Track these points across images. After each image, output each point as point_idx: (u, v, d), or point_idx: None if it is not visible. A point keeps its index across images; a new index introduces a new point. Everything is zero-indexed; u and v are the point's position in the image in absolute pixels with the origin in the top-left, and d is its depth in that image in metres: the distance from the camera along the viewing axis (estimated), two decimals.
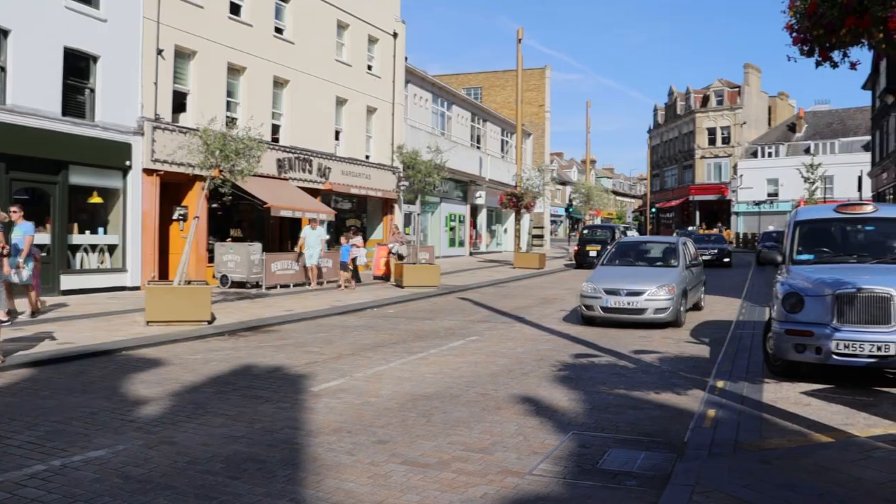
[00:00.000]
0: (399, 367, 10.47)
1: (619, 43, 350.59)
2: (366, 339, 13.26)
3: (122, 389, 8.94)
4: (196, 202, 18.10)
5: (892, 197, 40.21)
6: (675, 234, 42.56)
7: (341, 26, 29.85)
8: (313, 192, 26.92)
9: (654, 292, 14.40)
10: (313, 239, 21.96)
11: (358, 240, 23.94)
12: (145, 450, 6.42)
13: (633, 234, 53.26)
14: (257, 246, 22.21)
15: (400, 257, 24.94)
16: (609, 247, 23.07)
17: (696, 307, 17.49)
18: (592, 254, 34.44)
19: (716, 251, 35.83)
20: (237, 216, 25.09)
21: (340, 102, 29.81)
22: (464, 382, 9.41)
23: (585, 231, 39.29)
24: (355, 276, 23.92)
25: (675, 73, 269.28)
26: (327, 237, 22.58)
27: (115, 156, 19.80)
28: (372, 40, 32.08)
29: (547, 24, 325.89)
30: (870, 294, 8.46)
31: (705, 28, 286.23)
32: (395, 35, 33.38)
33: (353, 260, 23.41)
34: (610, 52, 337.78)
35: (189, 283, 15.08)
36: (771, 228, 61.16)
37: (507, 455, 6.35)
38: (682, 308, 14.89)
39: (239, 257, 21.65)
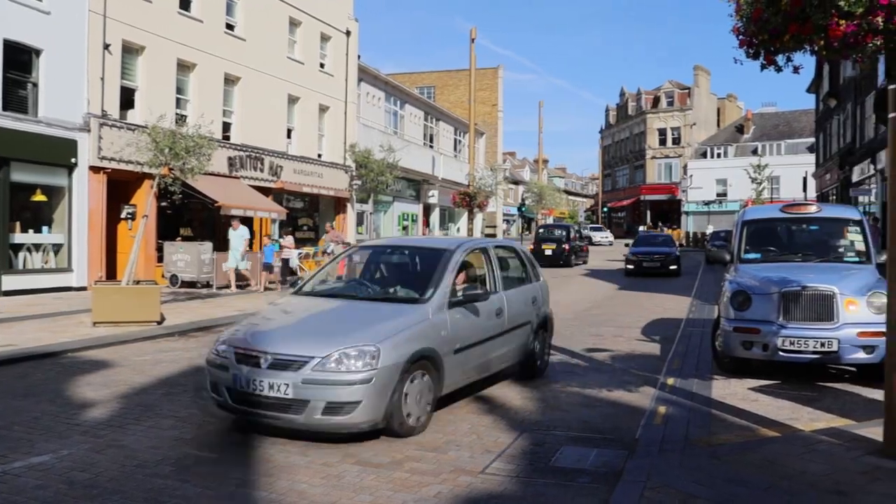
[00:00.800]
0: None
1: (572, 44, 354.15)
2: None
3: (67, 392, 8.73)
4: (145, 201, 17.79)
5: (835, 197, 41.26)
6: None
7: (293, 23, 29.61)
8: (265, 191, 26.66)
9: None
10: (234, 240, 20.73)
11: (289, 240, 23.35)
12: (92, 454, 6.27)
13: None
14: (208, 245, 21.91)
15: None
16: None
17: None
18: (548, 252, 34.88)
19: (660, 257, 30.12)
20: (187, 215, 24.71)
21: (292, 100, 29.56)
22: None
23: (541, 230, 39.58)
24: (291, 278, 23.19)
25: (627, 75, 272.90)
26: (248, 237, 21.20)
27: (59, 153, 19.35)
28: (324, 38, 31.87)
29: (501, 25, 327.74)
30: (814, 292, 8.68)
31: (656, 30, 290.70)
32: (347, 33, 33.21)
33: (286, 261, 22.96)
34: (563, 53, 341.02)
35: (138, 282, 14.81)
36: (711, 229, 62.36)
37: (461, 454, 6.36)
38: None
39: (189, 257, 21.32)
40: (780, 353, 8.73)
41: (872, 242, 10.33)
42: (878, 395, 6.44)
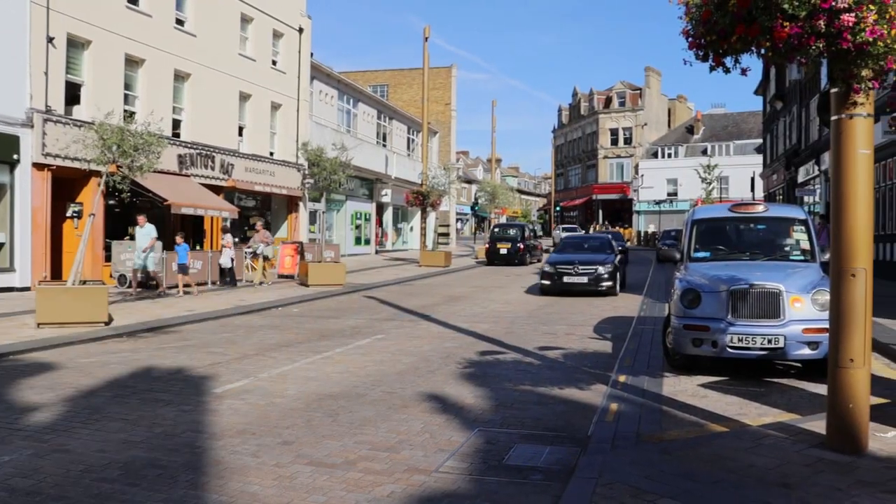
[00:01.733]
0: (304, 367, 10.33)
1: (526, 44, 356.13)
2: (271, 338, 13.04)
3: (9, 396, 8.50)
4: (92, 199, 17.41)
5: (782, 197, 42.18)
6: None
7: (245, 20, 29.26)
8: (216, 189, 26.31)
9: None
10: (140, 238, 19.04)
11: (227, 239, 22.55)
12: (35, 459, 6.11)
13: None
14: (157, 244, 21.48)
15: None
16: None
17: None
18: (503, 251, 35.25)
19: (587, 269, 20.97)
20: (136, 214, 24.18)
21: (244, 98, 29.21)
22: (370, 381, 9.36)
23: (496, 229, 39.88)
24: (229, 279, 22.41)
25: (580, 75, 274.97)
26: (155, 235, 19.17)
27: (0, 149, 18.82)
28: (277, 35, 31.56)
29: (455, 24, 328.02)
30: (761, 290, 8.85)
31: (609, 31, 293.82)
32: (300, 30, 32.94)
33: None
34: (516, 53, 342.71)
35: (84, 282, 14.49)
36: (652, 228, 63.05)
37: (414, 453, 6.34)
38: None
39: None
40: (729, 350, 8.88)
41: (817, 241, 10.60)
42: (822, 389, 6.60)
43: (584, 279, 20.72)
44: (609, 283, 20.85)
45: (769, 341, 8.72)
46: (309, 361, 10.78)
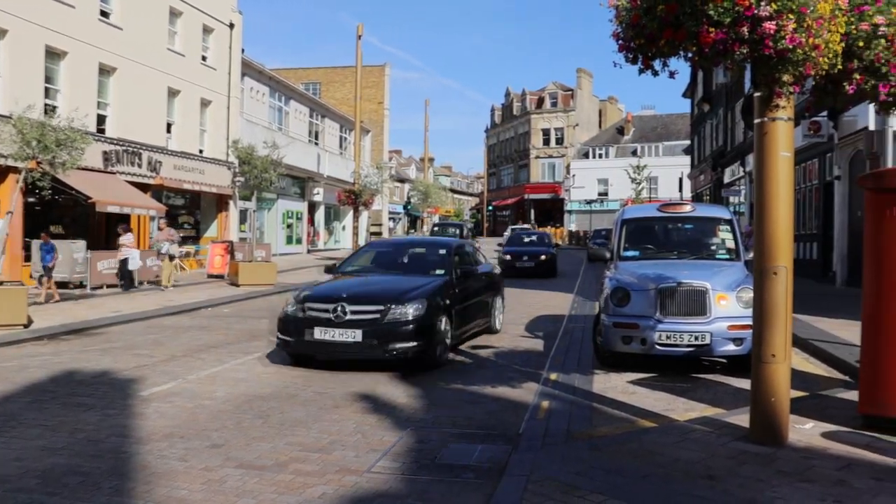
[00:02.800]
0: (234, 368, 10.15)
1: (459, 43, 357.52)
2: (199, 339, 12.77)
3: None
4: (10, 196, 16.77)
5: (708, 197, 43.31)
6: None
7: (174, 14, 28.60)
8: (143, 187, 25.65)
9: None
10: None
11: (128, 238, 20.84)
12: None
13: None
14: (81, 244, 20.87)
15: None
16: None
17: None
18: None
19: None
20: (58, 212, 23.46)
21: (172, 93, 28.55)
22: (301, 381, 9.25)
23: (436, 228, 40.56)
24: (127, 281, 20.84)
25: (513, 75, 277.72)
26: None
27: None
28: (207, 30, 30.95)
29: (388, 22, 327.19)
30: (688, 288, 9.07)
31: (541, 32, 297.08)
32: (231, 26, 32.37)
33: (125, 262, 20.64)
34: (450, 52, 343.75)
35: (1, 283, 13.96)
36: (573, 227, 64.05)
37: (346, 454, 6.29)
38: None
39: (60, 256, 20.22)
40: (658, 347, 9.07)
41: (742, 241, 10.92)
42: (746, 384, 6.78)
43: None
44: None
45: (696, 338, 8.94)
46: (239, 362, 10.60)
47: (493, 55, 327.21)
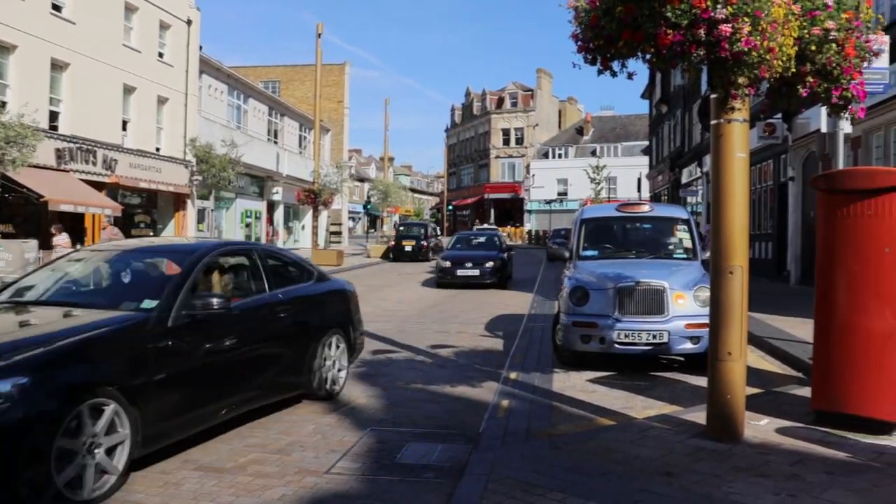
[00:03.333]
0: None
1: (420, 43, 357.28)
2: None
3: None
4: None
5: (666, 197, 43.87)
6: None
7: (129, 9, 28.16)
8: (98, 186, 25.21)
9: None
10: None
11: (62, 239, 19.72)
12: None
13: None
14: (33, 243, 20.36)
15: None
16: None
17: None
18: (408, 248, 37.15)
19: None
20: (8, 211, 22.93)
21: (128, 90, 28.10)
22: None
23: (402, 227, 41.14)
24: None
25: (473, 75, 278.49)
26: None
27: None
28: (164, 26, 30.52)
29: (349, 21, 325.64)
30: (646, 287, 9.17)
31: (501, 32, 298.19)
32: (188, 22, 31.96)
33: None
34: (410, 52, 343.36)
35: None
36: (529, 226, 64.40)
37: (305, 454, 6.25)
38: None
39: (11, 255, 19.74)
40: (616, 346, 9.16)
41: (698, 240, 11.07)
42: (702, 382, 6.87)
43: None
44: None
45: (654, 337, 9.05)
46: None
47: (454, 55, 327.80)
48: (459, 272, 22.78)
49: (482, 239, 27.17)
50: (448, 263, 23.17)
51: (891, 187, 6.19)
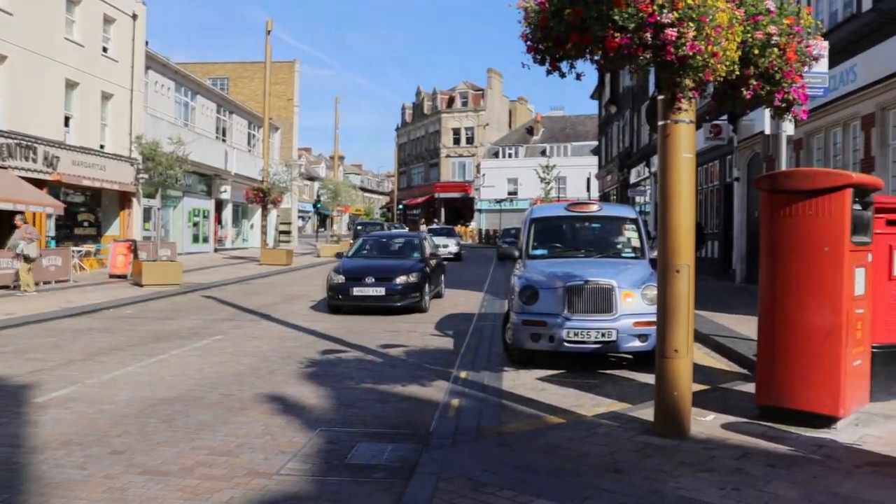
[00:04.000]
0: (137, 371, 9.83)
1: (370, 41, 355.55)
2: (100, 342, 12.32)
3: None
4: None
5: (615, 197, 44.40)
6: None
7: (72, 2, 27.45)
8: (39, 183, 24.53)
9: None
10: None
11: (28, 230, 19.16)
12: None
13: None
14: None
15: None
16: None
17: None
18: None
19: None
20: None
21: (71, 85, 27.41)
22: (208, 384, 9.03)
23: (359, 227, 41.10)
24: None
25: (423, 74, 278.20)
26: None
27: None
28: (108, 20, 29.84)
29: (299, 19, 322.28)
30: (595, 286, 9.26)
31: (452, 32, 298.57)
32: (134, 16, 31.32)
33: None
34: (361, 50, 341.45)
35: None
36: (477, 225, 64.52)
37: (254, 456, 6.18)
38: None
39: None
40: (566, 345, 9.24)
41: (646, 239, 11.23)
42: (650, 379, 6.98)
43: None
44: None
45: (603, 335, 9.15)
46: (142, 365, 10.27)
47: (405, 54, 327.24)
48: (356, 290, 16.00)
49: (399, 242, 20.01)
50: (341, 279, 16.25)
51: (830, 188, 6.36)
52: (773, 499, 4.88)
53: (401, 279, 16.11)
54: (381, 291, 15.94)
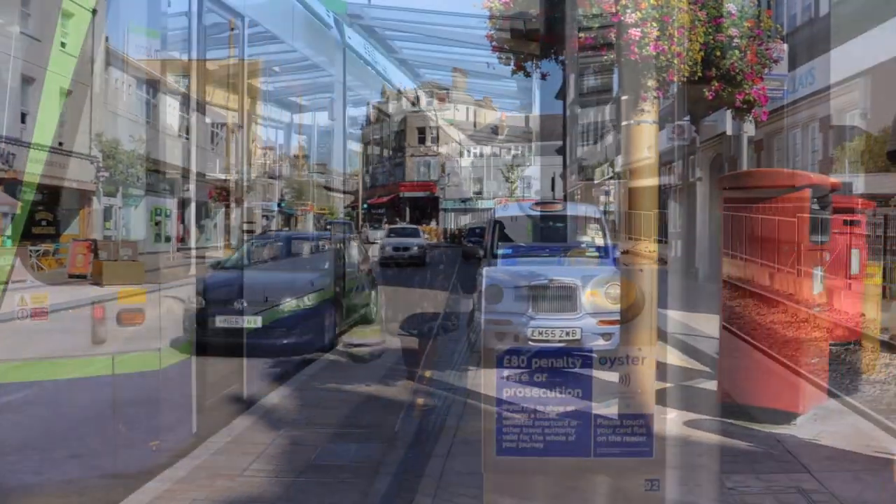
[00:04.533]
0: (96, 372, 9.66)
1: None
2: (60, 343, 12.09)
3: None
4: None
5: (580, 196, 44.72)
6: None
7: None
8: None
9: None
10: None
11: None
12: None
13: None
14: None
15: None
16: None
17: None
18: None
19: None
20: None
21: (27, 81, 26.84)
22: (171, 385, 8.91)
23: (328, 227, 41.50)
24: None
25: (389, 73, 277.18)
26: None
27: None
28: (66, 15, 29.24)
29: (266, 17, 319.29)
30: (559, 284, 9.30)
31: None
32: (94, 12, 30.79)
33: None
34: None
35: None
36: (437, 223, 64.76)
37: (218, 458, 6.10)
38: None
39: None
40: (531, 343, 9.26)
41: (610, 238, 11.30)
42: (613, 377, 7.02)
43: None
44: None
45: (567, 333, 9.18)
46: (102, 366, 10.08)
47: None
48: (220, 320, 10.54)
49: (301, 247, 14.99)
50: (200, 303, 11.03)
51: (790, 187, 6.45)
52: (734, 493, 4.94)
53: (290, 303, 10.84)
54: (256, 322, 10.43)
